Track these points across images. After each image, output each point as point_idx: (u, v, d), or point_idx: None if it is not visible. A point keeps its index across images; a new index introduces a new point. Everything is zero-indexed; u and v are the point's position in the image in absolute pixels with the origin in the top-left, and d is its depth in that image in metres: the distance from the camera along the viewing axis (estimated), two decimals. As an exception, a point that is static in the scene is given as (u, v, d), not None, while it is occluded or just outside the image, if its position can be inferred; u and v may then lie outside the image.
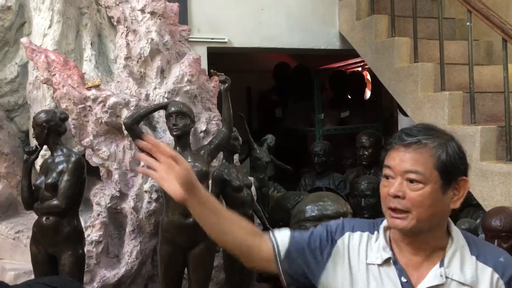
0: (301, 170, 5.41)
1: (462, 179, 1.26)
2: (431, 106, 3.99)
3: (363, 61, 5.59)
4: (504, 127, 3.53)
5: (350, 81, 6.40)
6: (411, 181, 1.21)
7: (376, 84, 6.16)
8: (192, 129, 3.08)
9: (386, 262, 1.28)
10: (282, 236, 1.37)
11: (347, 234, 1.35)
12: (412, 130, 1.26)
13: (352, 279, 1.30)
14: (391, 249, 1.29)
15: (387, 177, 1.26)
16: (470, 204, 4.07)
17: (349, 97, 6.61)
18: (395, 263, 1.27)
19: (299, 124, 6.16)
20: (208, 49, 4.77)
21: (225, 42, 4.90)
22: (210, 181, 3.11)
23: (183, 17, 4.24)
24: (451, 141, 1.26)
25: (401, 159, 1.23)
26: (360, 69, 6.50)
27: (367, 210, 3.80)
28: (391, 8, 4.52)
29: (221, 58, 4.86)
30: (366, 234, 1.34)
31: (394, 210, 1.23)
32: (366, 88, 6.67)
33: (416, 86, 4.14)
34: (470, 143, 3.59)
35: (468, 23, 3.78)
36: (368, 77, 6.51)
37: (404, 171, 1.22)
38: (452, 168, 1.23)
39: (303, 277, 1.36)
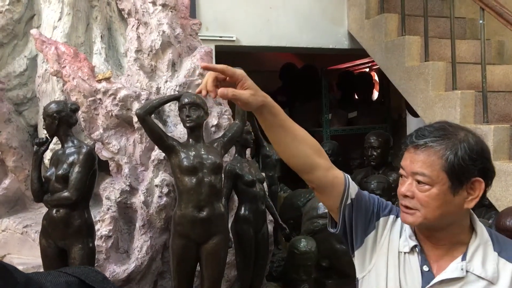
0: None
1: (476, 180, 1.23)
2: (442, 106, 3.95)
3: (371, 61, 5.57)
4: (517, 126, 3.49)
5: (358, 82, 6.38)
6: (419, 182, 1.24)
7: (384, 84, 6.14)
8: (204, 123, 3.04)
9: (412, 250, 1.31)
10: (353, 183, 1.38)
11: (392, 217, 1.37)
12: (423, 131, 1.27)
13: (388, 262, 1.32)
14: (417, 238, 1.32)
15: (401, 176, 1.30)
16: (483, 204, 4.02)
17: (357, 97, 6.58)
18: (421, 251, 1.30)
19: (307, 125, 6.10)
20: (216, 47, 4.75)
21: (233, 41, 4.88)
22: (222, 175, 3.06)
23: (192, 15, 4.21)
24: (464, 142, 1.23)
25: (411, 160, 1.26)
26: (368, 69, 6.47)
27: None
28: (401, 6, 4.50)
29: (228, 58, 4.83)
30: (400, 222, 1.36)
31: (403, 206, 1.28)
32: (374, 89, 6.64)
33: (427, 85, 4.11)
34: (482, 142, 3.55)
35: (480, 21, 3.75)
36: (376, 77, 6.49)
37: (412, 172, 1.25)
38: (462, 170, 1.22)
39: (349, 230, 1.37)
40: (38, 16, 3.59)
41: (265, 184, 3.44)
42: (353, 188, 1.37)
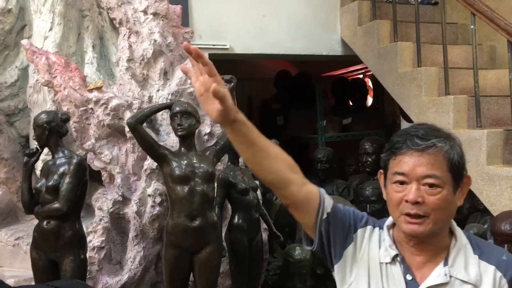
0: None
1: (466, 176, 1.26)
2: (435, 111, 3.95)
3: (364, 68, 5.58)
4: (511, 130, 3.49)
5: (352, 88, 6.38)
6: (431, 185, 1.20)
7: (378, 91, 6.15)
8: (196, 131, 3.03)
9: (393, 259, 1.28)
10: (328, 197, 1.35)
11: (369, 227, 1.34)
12: (420, 132, 1.23)
13: (370, 274, 1.29)
14: (396, 247, 1.29)
15: (401, 182, 1.23)
16: (477, 209, 4.02)
17: (351, 104, 6.58)
18: (402, 261, 1.27)
19: (301, 132, 6.12)
20: (210, 55, 4.74)
21: (227, 49, 4.88)
22: (215, 183, 3.05)
23: (185, 23, 4.21)
24: (455, 140, 1.26)
25: (415, 164, 1.20)
26: (362, 76, 6.48)
27: (373, 216, 3.73)
28: (393, 13, 4.51)
29: (222, 66, 4.83)
30: (380, 231, 1.33)
31: (411, 215, 1.21)
32: (368, 95, 6.65)
33: (420, 90, 4.12)
34: (476, 147, 3.55)
35: (471, 26, 3.76)
36: (370, 84, 6.50)
37: (421, 176, 1.20)
38: (461, 168, 1.24)
39: (326, 246, 1.34)
40: (29, 26, 3.59)
41: (258, 192, 3.42)
42: (328, 202, 1.33)
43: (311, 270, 3.59)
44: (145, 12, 3.25)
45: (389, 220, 1.31)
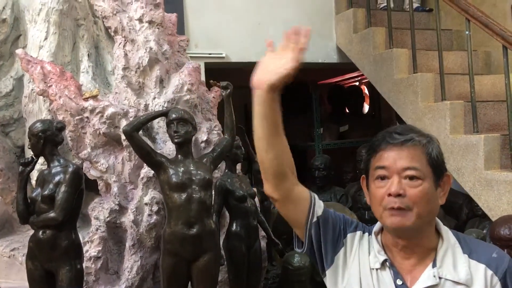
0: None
1: (446, 175, 1.27)
2: (432, 117, 3.95)
3: (361, 75, 5.58)
4: (508, 135, 3.49)
5: (349, 95, 6.40)
6: (411, 178, 1.21)
7: (375, 97, 6.16)
8: (193, 139, 3.01)
9: (383, 265, 1.28)
10: (319, 202, 1.37)
11: (358, 232, 1.34)
12: (398, 129, 1.26)
13: (361, 281, 1.29)
14: (385, 252, 1.29)
15: (382, 177, 1.24)
16: (476, 215, 4.01)
17: (348, 111, 6.59)
18: (391, 265, 1.27)
19: (298, 139, 6.11)
20: (206, 64, 4.75)
21: (223, 57, 4.89)
22: (213, 191, 3.02)
23: (180, 32, 4.21)
24: (433, 138, 1.28)
25: (395, 158, 1.22)
26: (358, 83, 6.50)
27: (371, 222, 3.67)
28: (388, 20, 4.53)
29: (218, 75, 4.83)
30: (369, 237, 1.34)
31: (394, 209, 1.22)
32: (365, 102, 6.67)
33: (416, 96, 4.12)
34: (473, 152, 3.55)
35: (466, 32, 3.77)
36: (366, 91, 6.51)
37: (402, 168, 1.21)
38: (440, 164, 1.26)
39: (317, 250, 1.34)
40: (24, 36, 3.58)
41: (256, 200, 3.40)
42: (319, 206, 1.34)
43: (310, 277, 3.56)
44: (140, 20, 3.25)
45: (377, 226, 1.32)
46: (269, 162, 1.30)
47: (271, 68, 1.26)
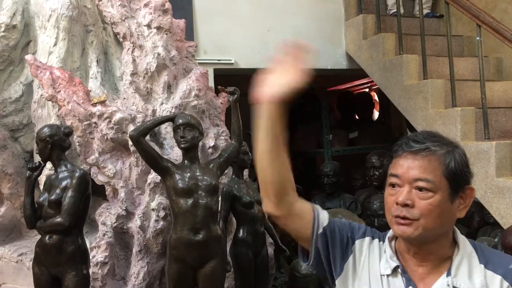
0: (311, 192, 5.30)
1: (468, 188, 1.23)
2: (442, 123, 3.91)
3: (370, 81, 5.56)
4: (520, 142, 3.44)
5: (358, 102, 6.36)
6: (420, 189, 1.18)
7: (384, 104, 6.12)
8: (200, 145, 3.00)
9: (394, 271, 1.25)
10: (323, 212, 1.35)
11: (367, 238, 1.32)
12: (418, 137, 1.23)
13: (371, 287, 1.27)
14: (398, 259, 1.27)
15: (393, 185, 1.23)
16: (487, 223, 3.95)
17: (357, 117, 6.56)
18: (403, 272, 1.24)
19: (308, 146, 6.09)
20: (215, 70, 4.75)
21: (232, 64, 4.89)
22: (219, 196, 3.01)
23: (190, 38, 4.22)
24: (458, 148, 1.24)
25: (409, 167, 1.20)
26: (367, 89, 6.47)
27: (381, 229, 3.65)
28: (398, 26, 4.50)
29: (227, 81, 4.84)
30: (380, 243, 1.32)
31: (400, 217, 1.20)
32: (374, 109, 6.63)
33: (427, 103, 4.08)
34: (485, 159, 3.50)
35: (477, 38, 3.73)
36: (376, 97, 6.48)
37: (413, 179, 1.19)
38: (460, 176, 1.21)
39: (325, 261, 1.32)
40: (34, 42, 3.61)
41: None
42: (324, 216, 1.32)
43: (318, 285, 3.52)
44: (148, 26, 3.26)
45: (390, 232, 1.29)
46: (271, 178, 1.28)
47: (277, 81, 1.23)
